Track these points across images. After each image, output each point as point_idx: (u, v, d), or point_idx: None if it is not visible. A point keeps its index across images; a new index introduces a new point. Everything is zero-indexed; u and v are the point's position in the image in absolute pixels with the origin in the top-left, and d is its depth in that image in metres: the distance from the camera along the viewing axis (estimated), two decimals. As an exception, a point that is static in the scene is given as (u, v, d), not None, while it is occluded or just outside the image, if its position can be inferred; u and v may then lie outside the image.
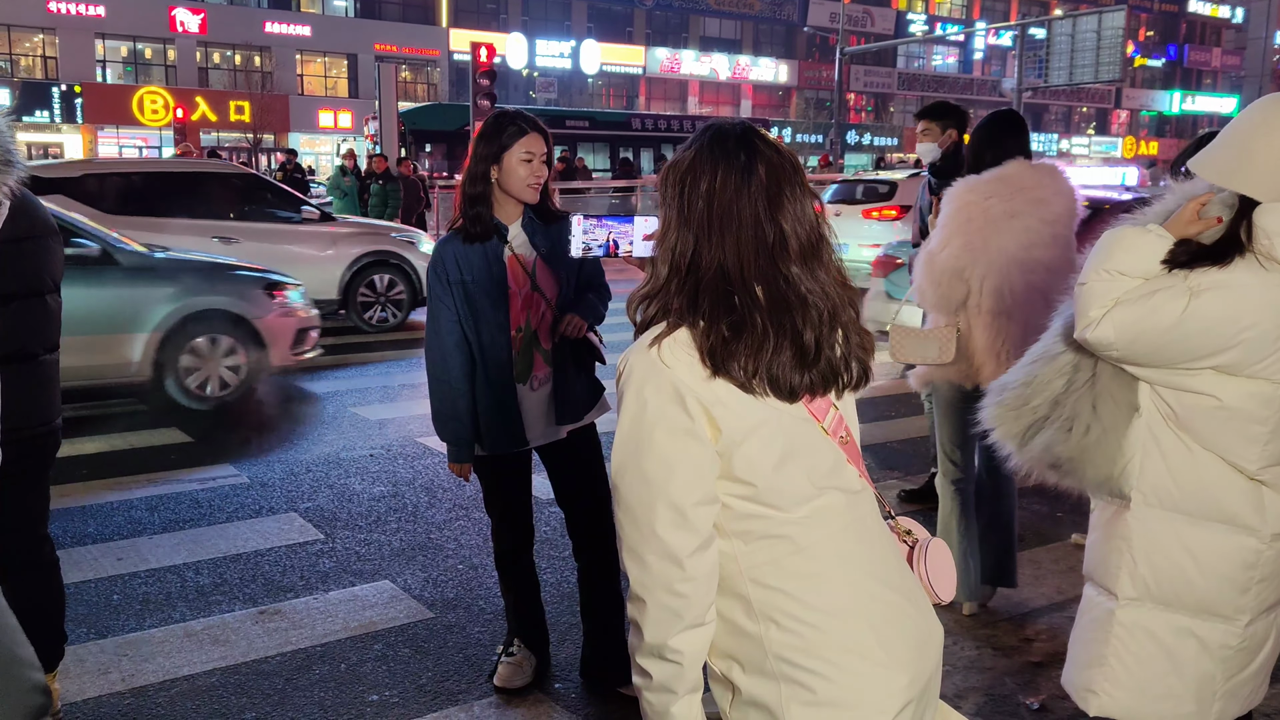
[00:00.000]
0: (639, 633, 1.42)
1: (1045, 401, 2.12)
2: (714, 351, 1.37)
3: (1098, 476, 2.08)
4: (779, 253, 1.41)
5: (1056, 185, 3.37)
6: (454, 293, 2.91)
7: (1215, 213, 1.93)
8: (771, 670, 1.40)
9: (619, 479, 1.42)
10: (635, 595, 1.41)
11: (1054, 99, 50.83)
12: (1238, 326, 1.87)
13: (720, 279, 1.39)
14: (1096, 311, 1.96)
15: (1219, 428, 1.96)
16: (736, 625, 1.43)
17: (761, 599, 1.41)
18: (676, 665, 1.39)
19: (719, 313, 1.38)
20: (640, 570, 1.40)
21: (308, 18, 35.87)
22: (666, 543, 1.37)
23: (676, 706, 1.41)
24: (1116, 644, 2.10)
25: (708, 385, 1.37)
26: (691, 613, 1.38)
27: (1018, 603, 3.81)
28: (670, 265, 1.43)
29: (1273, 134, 1.88)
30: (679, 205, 1.43)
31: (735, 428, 1.38)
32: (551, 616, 3.70)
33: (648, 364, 1.39)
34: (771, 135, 1.49)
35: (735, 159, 1.41)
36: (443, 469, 5.49)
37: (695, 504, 1.37)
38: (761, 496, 1.40)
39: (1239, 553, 1.99)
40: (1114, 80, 24.26)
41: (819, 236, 1.45)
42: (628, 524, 1.41)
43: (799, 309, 1.41)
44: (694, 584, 1.37)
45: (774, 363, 1.38)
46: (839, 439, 1.48)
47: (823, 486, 1.43)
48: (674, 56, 43.15)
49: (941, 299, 3.40)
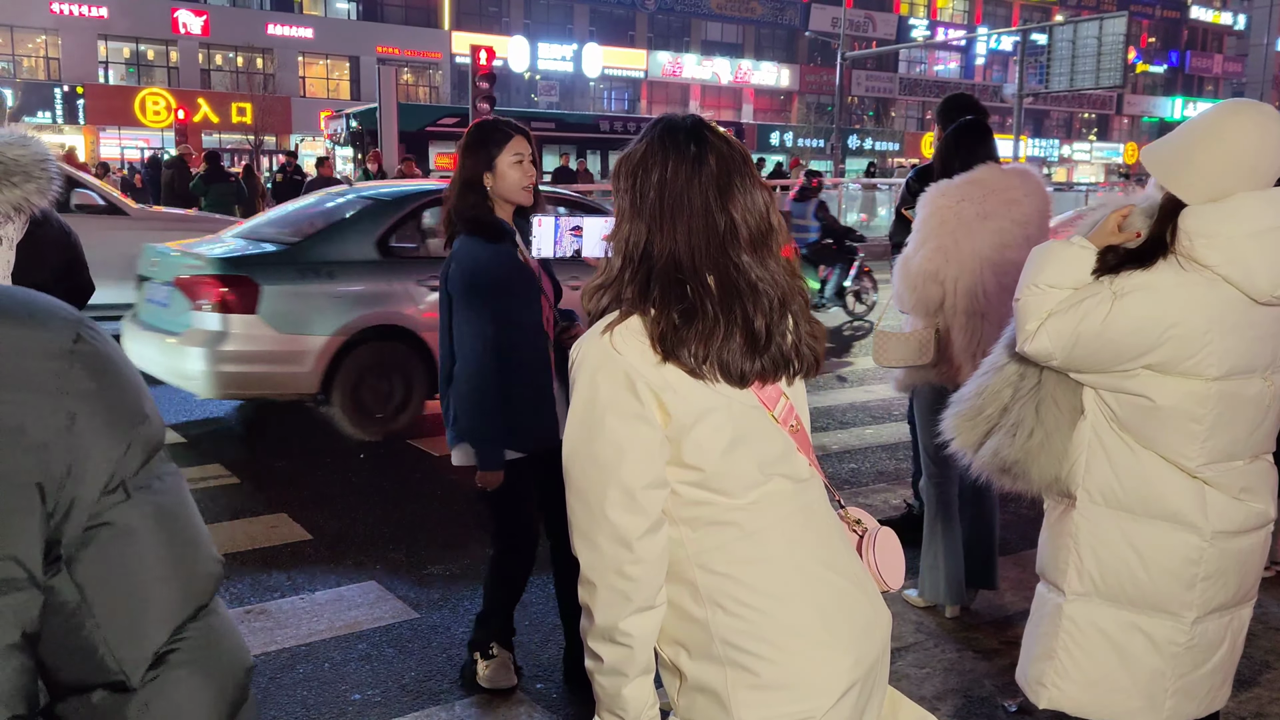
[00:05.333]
0: (589, 616, 1.44)
1: (996, 410, 2.21)
2: (664, 337, 1.39)
3: (1044, 478, 2.15)
4: (729, 241, 1.44)
5: (1028, 187, 3.42)
6: (492, 294, 2.91)
7: (1137, 225, 2.01)
8: (718, 655, 1.43)
9: (570, 463, 1.44)
10: (585, 579, 1.44)
11: (1055, 105, 50.86)
12: (1162, 326, 1.93)
13: (672, 267, 1.43)
14: (1032, 325, 2.04)
15: (1159, 427, 2.02)
16: (684, 611, 1.46)
17: (708, 584, 1.44)
18: (627, 649, 1.41)
19: (670, 300, 1.41)
20: (591, 553, 1.42)
21: (310, 20, 35.95)
22: (617, 525, 1.39)
23: (628, 689, 1.43)
24: (1065, 638, 2.16)
25: (658, 371, 1.40)
26: (641, 595, 1.40)
27: (999, 605, 3.83)
28: (624, 256, 1.46)
29: (1215, 143, 1.94)
30: (631, 196, 1.46)
31: (685, 413, 1.41)
32: (536, 617, 3.73)
33: (600, 351, 1.42)
34: (721, 130, 1.52)
35: (686, 150, 1.45)
36: (434, 471, 5.51)
37: (645, 487, 1.40)
38: (709, 482, 1.43)
39: (1182, 549, 2.04)
40: (1115, 86, 24.31)
41: (769, 226, 1.48)
42: (579, 507, 1.44)
43: (750, 296, 1.44)
44: (643, 566, 1.40)
45: (724, 349, 1.41)
46: (789, 427, 1.51)
47: (770, 473, 1.46)
48: (676, 60, 43.21)
49: (918, 302, 3.45)
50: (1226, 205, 1.92)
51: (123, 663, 0.68)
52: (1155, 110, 56.51)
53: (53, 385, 0.66)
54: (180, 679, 0.71)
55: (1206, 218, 1.92)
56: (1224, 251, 1.91)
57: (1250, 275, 1.91)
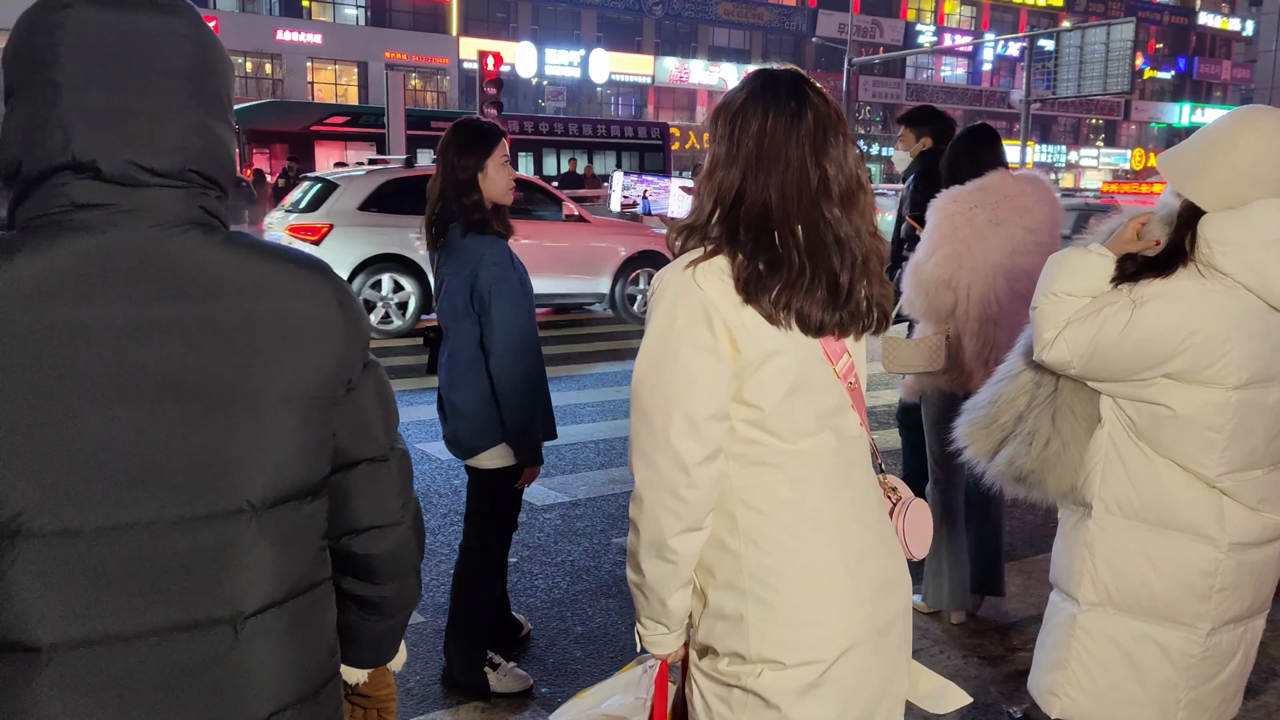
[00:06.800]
0: (636, 531, 1.51)
1: (1011, 418, 2.19)
2: (749, 282, 1.45)
3: (1060, 487, 2.13)
4: (821, 195, 1.49)
5: (1038, 193, 3.42)
6: (525, 289, 2.97)
7: (1155, 234, 1.99)
8: (743, 587, 1.50)
9: (640, 385, 1.49)
10: (638, 496, 1.50)
11: (1062, 110, 50.79)
12: (1181, 334, 1.92)
13: (763, 215, 1.47)
14: (1050, 333, 2.03)
15: (1177, 436, 2.00)
16: (720, 540, 1.52)
17: (747, 520, 1.50)
18: (672, 564, 1.49)
19: (758, 247, 1.46)
20: (649, 471, 1.48)
21: (319, 26, 36.08)
22: (678, 450, 1.45)
23: (673, 600, 1.52)
24: (1079, 648, 2.14)
25: (736, 310, 1.45)
26: (691, 517, 1.47)
27: (1005, 612, 3.82)
28: (716, 199, 1.51)
29: (1234, 149, 1.93)
30: (728, 143, 1.51)
31: (754, 352, 1.46)
32: (540, 622, 3.73)
33: (682, 283, 1.47)
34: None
35: (786, 104, 1.49)
36: (439, 475, 5.52)
37: (708, 418, 1.45)
38: (765, 422, 1.49)
39: (1198, 561, 2.03)
40: (1123, 92, 24.23)
41: (858, 184, 1.53)
42: (643, 428, 1.49)
43: (835, 250, 1.49)
44: (698, 491, 1.46)
45: (808, 299, 1.46)
46: (848, 384, 1.56)
47: (823, 425, 1.52)
48: (683, 66, 43.27)
49: (930, 308, 3.44)
50: (1244, 213, 1.91)
51: (380, 442, 1.20)
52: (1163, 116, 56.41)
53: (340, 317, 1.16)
54: (403, 453, 1.25)
55: (1224, 225, 1.91)
56: (1242, 259, 1.90)
57: (1268, 283, 1.90)
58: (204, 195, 1.09)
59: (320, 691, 1.15)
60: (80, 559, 0.99)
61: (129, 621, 1.01)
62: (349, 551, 1.21)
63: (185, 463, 1.03)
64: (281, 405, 1.08)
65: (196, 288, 1.05)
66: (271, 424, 1.07)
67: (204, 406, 1.04)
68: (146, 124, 1.05)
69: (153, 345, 1.02)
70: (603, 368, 8.66)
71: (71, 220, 1.02)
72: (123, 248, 1.03)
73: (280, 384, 1.08)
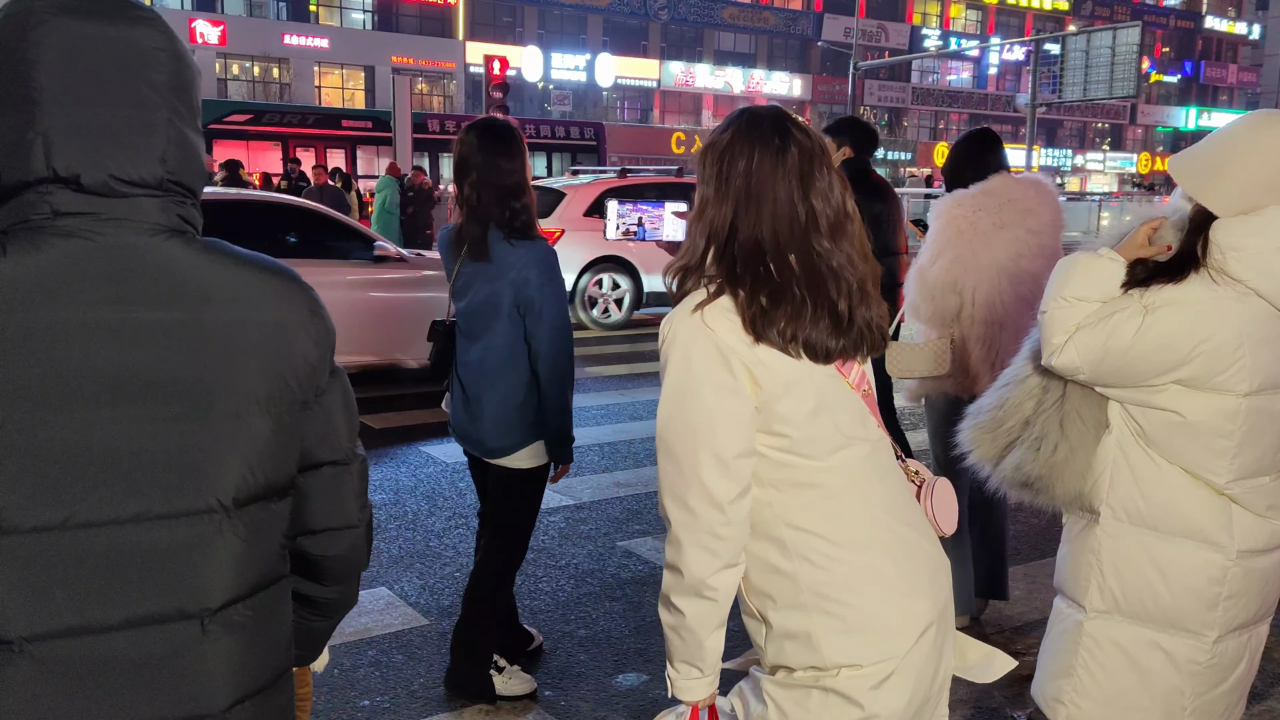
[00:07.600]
0: (678, 573, 1.53)
1: (1018, 423, 2.16)
2: (755, 320, 1.49)
3: (1068, 493, 2.11)
4: (811, 229, 1.53)
5: (1041, 196, 3.42)
6: (565, 291, 3.01)
7: (1167, 239, 1.97)
8: (806, 604, 1.53)
9: (666, 430, 1.53)
10: (675, 538, 1.53)
11: (1068, 114, 50.74)
12: (1193, 340, 1.90)
13: (757, 250, 1.51)
14: (1059, 338, 2.00)
15: (1187, 442, 1.98)
16: (772, 565, 1.55)
17: (795, 540, 1.54)
18: (712, 602, 1.52)
19: (759, 282, 1.50)
20: (685, 514, 1.51)
21: (326, 30, 36.18)
22: (711, 489, 1.49)
23: (710, 640, 1.55)
24: (1085, 655, 2.13)
25: (750, 348, 1.49)
26: (729, 553, 1.51)
27: (1009, 616, 3.82)
28: (709, 236, 1.55)
29: (1250, 155, 1.90)
30: (717, 182, 1.55)
31: (774, 384, 1.50)
32: (545, 625, 3.74)
33: (692, 327, 1.50)
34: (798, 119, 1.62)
35: (770, 140, 1.53)
36: (444, 478, 5.53)
37: (736, 456, 1.49)
38: (796, 447, 1.52)
39: (1205, 568, 2.01)
40: (1129, 96, 24.19)
41: (845, 213, 1.57)
42: (672, 471, 1.52)
43: (832, 280, 1.53)
44: (733, 528, 1.50)
45: (812, 329, 1.51)
46: (861, 392, 1.61)
47: (850, 436, 1.56)
48: (688, 70, 43.31)
49: (935, 312, 3.44)
50: (1257, 218, 1.89)
51: (343, 446, 1.23)
52: (1169, 120, 56.31)
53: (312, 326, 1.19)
54: (362, 459, 1.28)
55: (1238, 231, 1.89)
56: (1255, 265, 1.88)
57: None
58: (181, 204, 1.12)
59: (277, 682, 1.20)
60: (56, 555, 1.02)
61: (101, 614, 1.04)
62: (302, 551, 1.25)
63: (162, 462, 1.06)
64: (256, 408, 1.11)
65: (180, 293, 1.08)
66: (246, 426, 1.11)
67: (184, 408, 1.07)
68: (128, 137, 1.06)
69: (137, 348, 1.05)
70: (608, 369, 8.67)
71: (55, 226, 1.04)
72: (110, 253, 1.05)
73: (256, 387, 1.11)
